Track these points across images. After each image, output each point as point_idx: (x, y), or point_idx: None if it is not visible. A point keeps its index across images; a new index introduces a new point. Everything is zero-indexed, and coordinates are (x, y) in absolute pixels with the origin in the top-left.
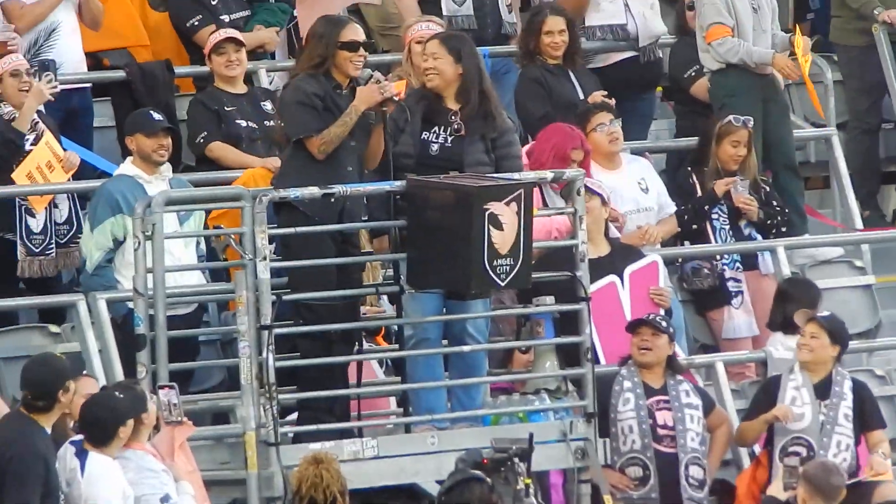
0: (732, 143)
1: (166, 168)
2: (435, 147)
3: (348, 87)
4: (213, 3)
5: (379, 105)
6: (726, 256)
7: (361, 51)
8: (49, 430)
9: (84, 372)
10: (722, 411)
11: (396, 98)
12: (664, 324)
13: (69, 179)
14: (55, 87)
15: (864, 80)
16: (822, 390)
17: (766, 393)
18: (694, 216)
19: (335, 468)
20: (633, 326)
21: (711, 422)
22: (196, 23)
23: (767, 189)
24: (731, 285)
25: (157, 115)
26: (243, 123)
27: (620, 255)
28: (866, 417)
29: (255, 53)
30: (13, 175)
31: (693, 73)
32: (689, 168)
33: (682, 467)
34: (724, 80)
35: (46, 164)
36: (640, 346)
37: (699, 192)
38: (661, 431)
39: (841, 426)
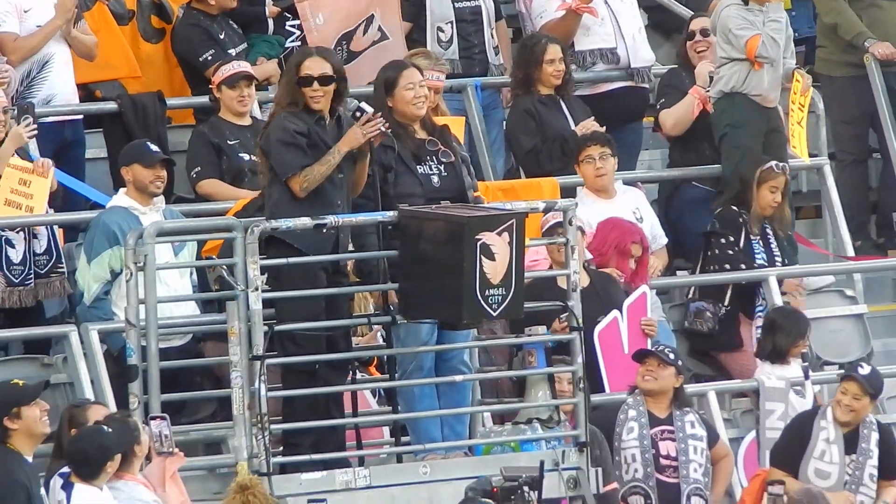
0: (771, 188)
1: (160, 199)
2: (435, 179)
3: (333, 118)
4: (221, 36)
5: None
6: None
7: (316, 85)
8: (31, 458)
9: (93, 400)
10: (725, 444)
11: (385, 130)
12: (671, 356)
13: (54, 191)
14: (33, 130)
15: (847, 112)
16: (851, 443)
17: (800, 434)
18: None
19: (261, 492)
20: (641, 356)
21: (715, 454)
22: (210, 58)
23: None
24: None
25: (154, 147)
26: (246, 157)
27: (601, 284)
28: (886, 468)
29: (258, 86)
30: None
31: (661, 104)
32: (735, 207)
33: (685, 498)
34: (730, 108)
35: (19, 181)
36: (646, 375)
37: (748, 230)
38: (663, 461)
39: (865, 486)
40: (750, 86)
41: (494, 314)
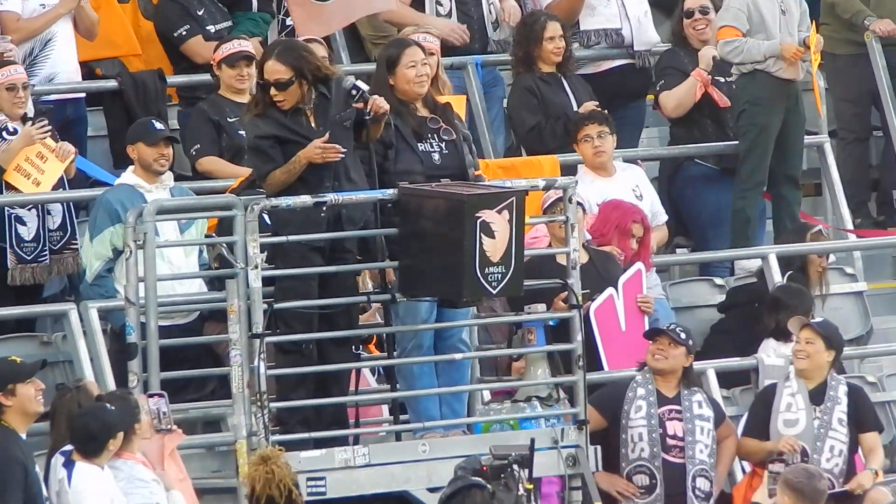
0: (818, 269)
1: (168, 177)
2: (436, 157)
3: (316, 96)
4: (200, 13)
5: (371, 122)
6: None
7: (274, 90)
8: (24, 436)
9: (83, 379)
10: (730, 424)
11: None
12: (683, 335)
13: (67, 172)
14: (46, 132)
15: (850, 90)
16: (818, 396)
17: (763, 403)
18: None
19: (283, 462)
20: (652, 334)
21: (720, 434)
22: (184, 33)
23: None
24: None
25: (158, 125)
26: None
27: (600, 262)
28: (861, 420)
29: None
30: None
31: (660, 85)
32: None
33: (690, 478)
34: (751, 84)
35: (37, 154)
36: (656, 354)
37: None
38: (670, 441)
39: (835, 430)
40: (769, 62)
41: (494, 292)
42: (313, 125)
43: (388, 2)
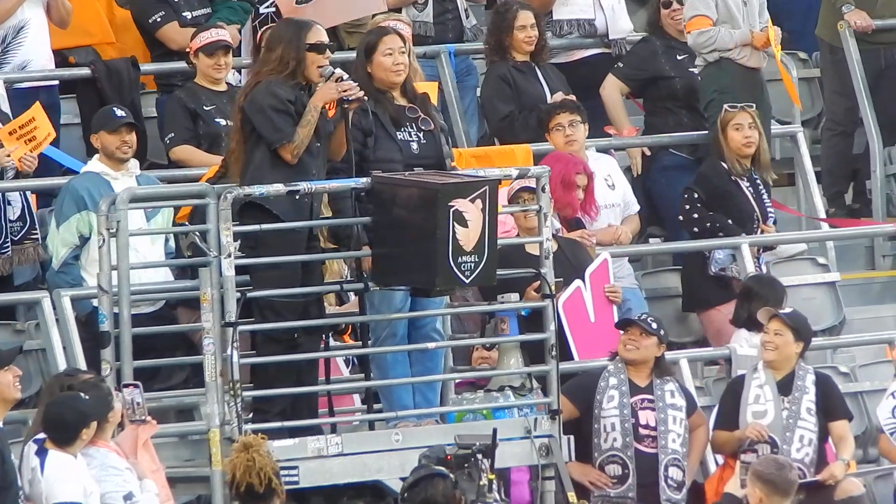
0: (735, 127)
1: (133, 164)
2: (414, 146)
3: (313, 89)
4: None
5: (339, 103)
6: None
7: (328, 52)
8: (1, 423)
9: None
10: (701, 413)
11: (362, 97)
12: (654, 325)
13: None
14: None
15: (845, 84)
16: (786, 386)
17: (732, 394)
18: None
19: (265, 450)
20: (624, 324)
21: (691, 423)
22: (158, 19)
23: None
24: None
25: (119, 112)
26: (222, 122)
27: (570, 251)
28: (830, 408)
29: None
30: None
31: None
32: (723, 163)
33: (662, 468)
34: (717, 73)
35: (27, 123)
36: (627, 344)
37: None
38: (642, 431)
39: (804, 420)
40: (735, 51)
41: (467, 281)
42: None
43: (379, 4)
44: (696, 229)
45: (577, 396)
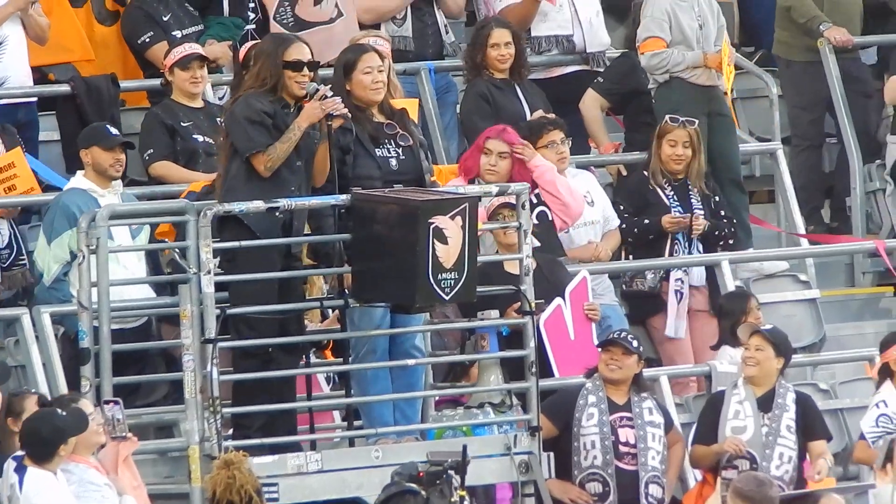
0: (669, 142)
1: (118, 183)
2: (394, 162)
3: (296, 106)
4: (165, 18)
5: (324, 120)
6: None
7: (306, 70)
8: None
9: (32, 390)
10: (678, 430)
11: (341, 113)
12: (635, 343)
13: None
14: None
15: (804, 97)
16: (766, 403)
17: (712, 410)
18: (648, 229)
19: (246, 468)
20: (605, 344)
21: (668, 440)
22: (147, 39)
23: (717, 199)
24: (675, 284)
25: (113, 130)
26: (200, 139)
27: (548, 269)
28: (809, 428)
29: (207, 68)
30: None
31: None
32: (645, 172)
33: (643, 485)
34: (668, 93)
35: (7, 168)
36: (609, 363)
37: (659, 195)
38: (622, 448)
39: (784, 437)
40: (685, 70)
41: (447, 298)
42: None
43: (350, 32)
44: (630, 239)
45: (556, 415)
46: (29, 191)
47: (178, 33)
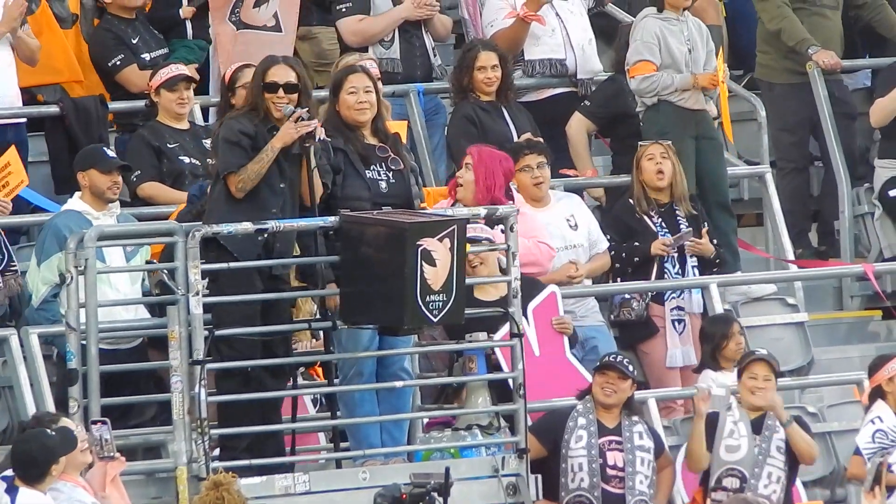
0: (647, 157)
1: (115, 205)
2: (383, 185)
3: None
4: (135, 41)
5: (300, 141)
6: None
7: (281, 92)
8: None
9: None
10: (669, 455)
11: (319, 136)
12: (630, 368)
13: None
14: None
15: (788, 119)
16: (759, 425)
17: (708, 425)
18: (633, 252)
19: (235, 489)
20: (601, 368)
21: (658, 465)
22: (118, 62)
23: (705, 224)
24: (674, 314)
25: (111, 153)
26: (186, 160)
27: (527, 290)
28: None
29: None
30: None
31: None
32: (630, 201)
33: None
34: (656, 116)
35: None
36: (605, 388)
37: (646, 223)
38: (610, 472)
39: (773, 458)
40: (673, 93)
41: (435, 320)
42: None
43: (286, 51)
44: (617, 265)
45: (545, 436)
46: (20, 184)
47: (146, 56)
